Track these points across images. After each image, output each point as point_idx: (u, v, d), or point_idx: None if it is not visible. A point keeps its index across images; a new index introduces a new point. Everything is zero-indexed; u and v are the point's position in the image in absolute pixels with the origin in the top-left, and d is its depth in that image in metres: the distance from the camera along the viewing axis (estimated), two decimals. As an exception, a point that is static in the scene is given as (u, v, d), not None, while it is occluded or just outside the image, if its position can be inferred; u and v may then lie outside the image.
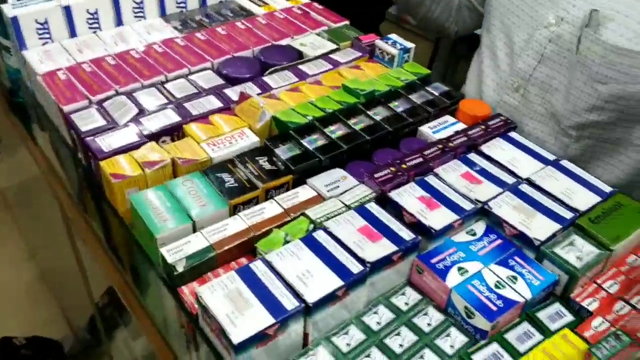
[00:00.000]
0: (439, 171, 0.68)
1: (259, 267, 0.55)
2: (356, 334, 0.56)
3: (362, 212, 0.62)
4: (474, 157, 0.71)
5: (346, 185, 0.66)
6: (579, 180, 0.68)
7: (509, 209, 0.64)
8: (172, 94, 0.76)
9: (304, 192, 0.65)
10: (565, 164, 0.71)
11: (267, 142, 0.70)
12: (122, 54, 0.83)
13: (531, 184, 0.68)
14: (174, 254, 0.57)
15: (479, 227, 0.64)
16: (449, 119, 0.78)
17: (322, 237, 0.58)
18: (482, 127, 0.75)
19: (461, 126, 0.77)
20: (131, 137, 0.69)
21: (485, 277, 0.58)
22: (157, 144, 0.69)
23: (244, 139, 0.70)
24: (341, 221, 0.60)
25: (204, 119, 0.73)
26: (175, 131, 0.72)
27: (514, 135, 0.75)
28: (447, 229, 0.61)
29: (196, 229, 0.61)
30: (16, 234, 1.92)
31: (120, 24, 0.90)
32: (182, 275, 0.56)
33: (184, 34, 0.89)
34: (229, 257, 0.59)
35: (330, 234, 0.59)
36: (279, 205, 0.63)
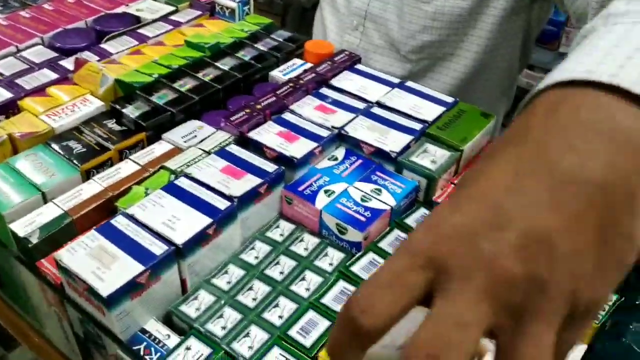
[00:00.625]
0: (293, 107, 0.69)
1: (121, 222, 0.52)
2: (236, 271, 0.55)
3: (223, 154, 0.61)
4: (325, 90, 0.73)
5: (203, 134, 0.65)
6: (424, 96, 0.72)
7: (364, 130, 0.66)
8: (0, 74, 0.70)
9: (161, 147, 0.63)
10: (409, 84, 0.75)
11: (112, 104, 0.67)
12: None
13: (381, 105, 0.71)
14: (25, 227, 0.53)
15: (340, 152, 0.66)
16: (297, 61, 0.79)
17: (184, 183, 0.57)
18: (329, 62, 0.77)
19: (309, 66, 0.78)
20: (-43, 121, 0.63)
21: (351, 194, 0.60)
22: (-10, 124, 0.63)
23: (87, 105, 0.66)
24: (202, 166, 0.59)
25: (40, 92, 0.68)
26: (9, 109, 0.66)
27: (360, 66, 0.78)
28: (309, 157, 0.62)
29: (47, 200, 0.56)
30: None
31: None
32: (38, 247, 0.52)
33: (6, 14, 0.82)
34: (89, 223, 0.56)
35: (192, 179, 0.57)
36: (135, 163, 0.61)
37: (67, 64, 0.73)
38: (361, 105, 0.70)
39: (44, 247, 0.53)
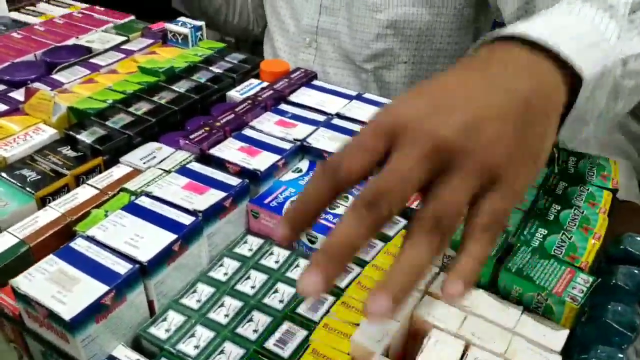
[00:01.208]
0: (253, 123, 0.68)
1: (81, 244, 0.50)
2: (205, 289, 0.53)
3: (184, 172, 0.59)
4: (284, 106, 0.72)
5: (163, 154, 0.63)
6: (382, 105, 0.73)
7: (326, 141, 0.66)
8: (-55, 109, 0.68)
9: (119, 170, 0.61)
10: (367, 95, 0.75)
11: (66, 131, 0.65)
12: None
13: (341, 116, 0.71)
14: (-22, 258, 0.50)
15: (303, 164, 0.65)
16: (254, 81, 0.79)
17: (146, 202, 0.55)
18: (286, 80, 0.77)
19: (266, 85, 0.78)
20: None
21: (318, 202, 0.59)
22: (-64, 158, 0.60)
23: (40, 134, 0.64)
24: (163, 184, 0.57)
25: (-11, 125, 0.66)
26: (-44, 143, 0.63)
27: (317, 82, 0.78)
28: (273, 170, 0.61)
29: (1, 230, 0.54)
30: None
31: None
32: (-7, 278, 0.50)
33: (-50, 52, 0.80)
34: (48, 250, 0.53)
35: (153, 197, 0.55)
36: (94, 187, 0.59)
37: (18, 95, 0.71)
38: (321, 117, 0.70)
39: (0, 278, 0.50)
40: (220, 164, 0.62)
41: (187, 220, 0.52)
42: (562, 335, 0.44)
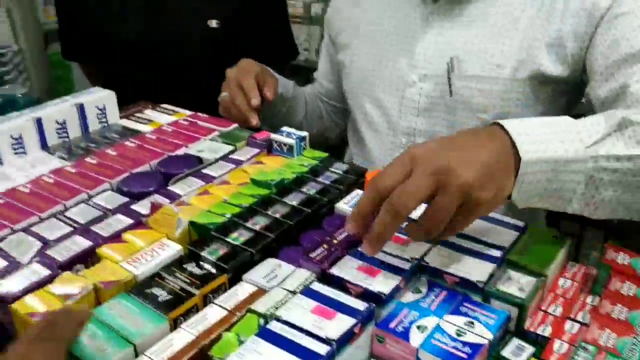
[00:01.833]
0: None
1: (222, 373, 0.50)
2: (336, 421, 0.52)
3: (309, 293, 0.60)
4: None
5: (284, 272, 0.64)
6: (492, 220, 0.73)
7: (443, 259, 0.66)
8: (75, 221, 0.71)
9: (243, 289, 0.62)
10: (478, 210, 0.75)
11: (190, 247, 0.67)
12: (8, 192, 0.77)
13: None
14: (121, 384, 0.51)
15: (422, 284, 0.65)
16: (360, 192, 0.80)
17: (277, 327, 0.55)
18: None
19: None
20: (41, 272, 0.63)
21: (444, 328, 0.58)
22: (71, 272, 0.63)
23: (166, 250, 0.66)
24: (292, 307, 0.58)
25: (116, 239, 0.68)
26: (88, 257, 0.66)
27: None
28: (395, 292, 0.61)
29: (138, 352, 0.55)
30: None
31: (-1, 164, 0.85)
32: (135, 405, 0.50)
33: (72, 161, 0.85)
34: (183, 375, 0.54)
35: (285, 322, 0.56)
36: (222, 307, 0.60)
37: (139, 207, 0.74)
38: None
39: (140, 404, 0.51)
40: (341, 285, 0.62)
41: (322, 349, 0.52)
42: None
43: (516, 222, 0.72)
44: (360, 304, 0.58)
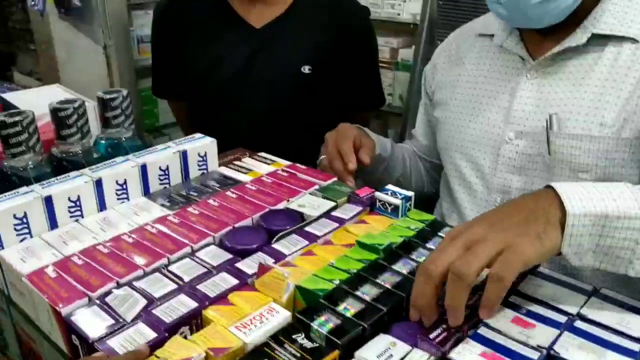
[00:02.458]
0: (489, 321, 0.64)
1: None
2: None
3: (430, 380, 0.55)
4: (515, 299, 0.67)
5: (399, 352, 0.60)
6: (627, 307, 0.66)
7: (575, 350, 0.59)
8: (180, 278, 0.70)
9: (356, 368, 0.58)
10: (606, 292, 0.69)
11: (299, 316, 0.63)
12: (114, 241, 0.76)
13: (583, 319, 0.64)
14: None
15: (551, 376, 0.59)
16: (473, 262, 0.75)
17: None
18: (511, 266, 0.73)
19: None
20: (147, 333, 0.61)
21: None
22: (178, 336, 0.61)
23: (275, 316, 0.63)
24: (413, 396, 0.53)
25: (222, 300, 0.66)
26: (193, 319, 0.64)
27: (543, 270, 0.73)
28: (525, 385, 0.56)
29: None
30: None
31: (103, 209, 0.85)
32: None
33: (174, 210, 0.84)
34: None
35: (407, 414, 0.51)
36: (335, 387, 0.56)
37: (244, 266, 0.72)
38: (561, 318, 0.64)
39: None
40: (463, 371, 0.57)
41: None
42: None
43: (652, 312, 0.65)
44: (489, 399, 0.53)
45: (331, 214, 0.84)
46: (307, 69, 1.46)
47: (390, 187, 0.88)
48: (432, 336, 0.60)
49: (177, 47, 1.52)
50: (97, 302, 0.66)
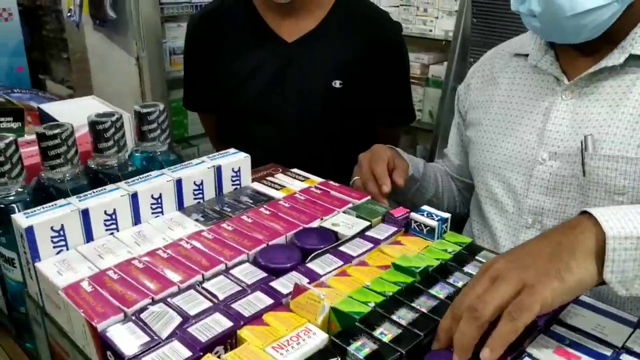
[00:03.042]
0: (532, 351, 0.62)
1: None
2: None
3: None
4: (558, 329, 0.66)
5: (437, 380, 0.58)
6: (676, 342, 0.63)
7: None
8: (214, 295, 0.69)
9: (394, 395, 0.57)
10: (652, 325, 0.66)
11: (335, 339, 0.62)
12: (149, 255, 0.76)
13: (630, 352, 0.62)
14: None
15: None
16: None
17: None
18: (552, 293, 0.71)
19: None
20: (182, 351, 0.60)
21: None
22: (212, 355, 0.60)
23: (312, 337, 0.62)
24: None
25: (256, 319, 0.65)
26: (228, 338, 0.63)
27: (585, 298, 0.71)
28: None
29: None
30: None
31: (138, 222, 0.85)
32: None
33: (208, 226, 0.84)
34: None
35: None
36: (372, 415, 0.54)
37: (279, 286, 0.71)
38: (606, 350, 0.62)
39: None
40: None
41: None
42: None
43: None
44: None
45: (365, 233, 0.83)
46: (338, 84, 1.45)
47: (426, 208, 0.86)
48: (472, 365, 0.59)
49: (209, 61, 1.53)
50: (133, 318, 0.66)
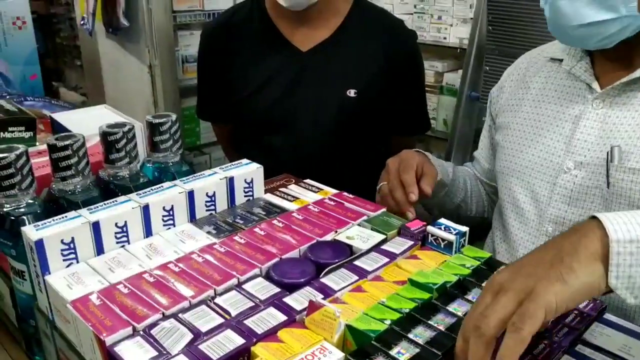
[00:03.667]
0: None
1: None
2: None
3: None
4: (582, 349, 0.63)
5: (457, 403, 0.56)
6: None
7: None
8: (226, 311, 0.68)
9: (412, 418, 0.55)
10: (681, 345, 0.64)
11: (351, 359, 0.60)
12: (160, 269, 0.75)
13: (658, 375, 0.60)
14: None
15: None
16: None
17: None
18: (576, 312, 0.68)
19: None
20: (193, 370, 0.59)
21: None
22: (224, 375, 0.58)
23: (327, 356, 0.60)
24: None
25: (270, 336, 0.64)
26: (240, 356, 0.62)
27: (610, 317, 0.69)
28: None
29: None
30: None
31: (149, 234, 0.83)
32: None
33: (220, 238, 0.83)
34: None
35: None
36: None
37: (292, 302, 0.69)
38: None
39: None
40: None
41: None
42: None
43: None
44: None
45: (381, 247, 0.81)
46: (352, 93, 1.44)
47: (443, 221, 0.84)
48: (494, 388, 0.56)
49: (223, 71, 1.52)
50: (142, 333, 0.64)
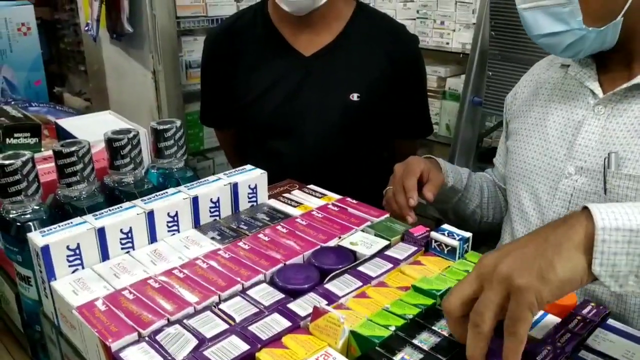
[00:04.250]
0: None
1: None
2: None
3: None
4: (585, 355, 0.63)
5: (461, 409, 0.56)
6: None
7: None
8: (231, 317, 0.68)
9: None
10: (684, 352, 0.64)
11: (355, 364, 0.61)
12: (165, 275, 0.75)
13: (662, 381, 0.60)
14: None
15: None
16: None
17: None
18: (578, 318, 0.68)
19: (551, 317, 0.70)
20: (198, 376, 0.59)
21: None
22: (229, 381, 0.59)
23: (330, 363, 0.61)
24: None
25: (275, 342, 0.64)
26: (244, 362, 0.62)
27: (613, 322, 0.69)
28: None
29: None
30: None
31: (153, 240, 0.84)
32: None
33: (225, 244, 0.83)
34: None
35: None
36: None
37: (297, 307, 0.70)
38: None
39: None
40: None
41: None
42: None
43: None
44: None
45: (385, 253, 0.82)
46: (355, 97, 1.44)
47: (446, 227, 0.84)
48: (497, 394, 0.57)
49: (226, 77, 1.53)
50: (147, 339, 0.65)
